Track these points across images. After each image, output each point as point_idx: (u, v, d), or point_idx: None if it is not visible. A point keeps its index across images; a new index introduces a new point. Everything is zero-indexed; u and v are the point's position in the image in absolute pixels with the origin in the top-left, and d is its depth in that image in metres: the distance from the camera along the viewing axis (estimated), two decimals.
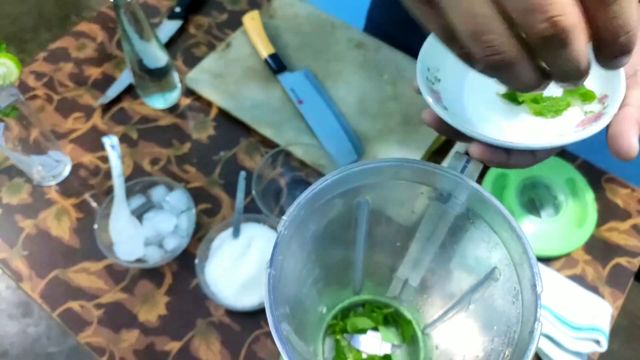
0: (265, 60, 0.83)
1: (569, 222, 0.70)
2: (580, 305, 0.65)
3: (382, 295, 0.49)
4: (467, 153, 0.33)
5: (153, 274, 0.68)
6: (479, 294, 0.37)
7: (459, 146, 0.75)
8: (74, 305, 0.66)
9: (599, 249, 0.71)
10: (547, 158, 0.36)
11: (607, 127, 0.31)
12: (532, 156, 0.35)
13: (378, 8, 0.94)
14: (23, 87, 0.84)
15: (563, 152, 0.77)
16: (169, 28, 0.89)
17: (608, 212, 0.73)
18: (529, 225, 0.69)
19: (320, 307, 0.48)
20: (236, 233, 0.68)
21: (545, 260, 0.69)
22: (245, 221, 0.69)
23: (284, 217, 0.31)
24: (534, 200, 0.72)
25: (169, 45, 0.88)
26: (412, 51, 0.75)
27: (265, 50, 0.83)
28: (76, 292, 0.67)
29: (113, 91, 0.82)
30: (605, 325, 0.63)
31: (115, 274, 0.68)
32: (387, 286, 0.47)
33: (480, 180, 0.74)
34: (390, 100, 0.80)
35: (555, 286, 0.66)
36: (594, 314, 0.64)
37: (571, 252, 0.69)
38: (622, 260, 0.70)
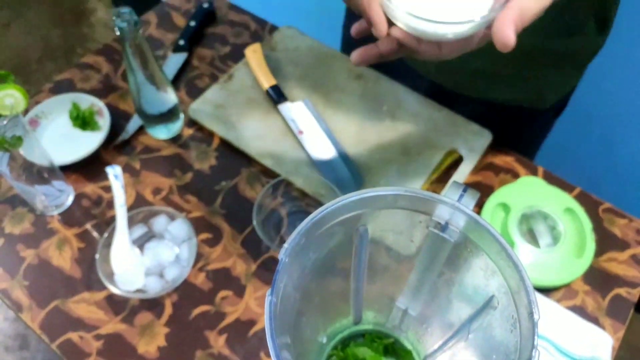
0: (267, 92, 0.84)
1: (568, 252, 0.70)
2: (580, 336, 0.64)
3: (382, 326, 0.49)
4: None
5: (153, 305, 0.68)
6: (477, 323, 0.37)
7: (457, 176, 0.76)
8: (74, 336, 0.66)
9: (599, 279, 0.71)
10: (453, 55, 0.45)
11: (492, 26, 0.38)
12: (437, 48, 0.44)
13: (348, 29, 0.97)
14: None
15: (561, 182, 0.78)
16: (175, 62, 0.91)
17: (606, 242, 0.74)
18: (528, 255, 0.69)
19: (320, 337, 0.48)
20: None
21: (545, 290, 0.69)
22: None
23: (285, 245, 0.32)
24: (533, 230, 0.73)
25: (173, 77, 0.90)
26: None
27: (266, 81, 0.85)
28: (76, 322, 0.67)
29: (132, 126, 0.83)
30: (606, 356, 0.63)
31: (115, 304, 0.68)
32: (387, 316, 0.47)
33: (479, 210, 0.74)
34: (390, 131, 0.81)
35: (555, 317, 0.66)
36: (594, 345, 0.63)
37: (571, 282, 0.69)
38: (622, 291, 0.70)
